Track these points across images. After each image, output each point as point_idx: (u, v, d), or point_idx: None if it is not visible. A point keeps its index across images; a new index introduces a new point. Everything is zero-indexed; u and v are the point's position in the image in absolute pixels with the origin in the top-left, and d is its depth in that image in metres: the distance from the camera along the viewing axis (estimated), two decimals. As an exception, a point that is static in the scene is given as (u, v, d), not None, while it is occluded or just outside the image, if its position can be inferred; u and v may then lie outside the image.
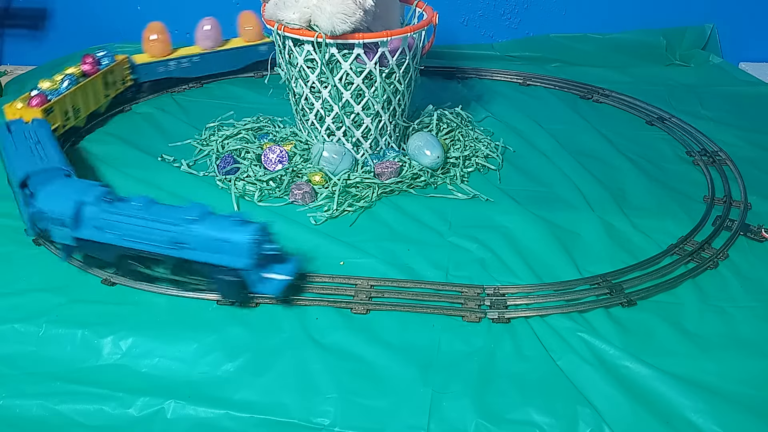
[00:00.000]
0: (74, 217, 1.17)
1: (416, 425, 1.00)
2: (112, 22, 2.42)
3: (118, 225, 1.17)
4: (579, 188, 1.57)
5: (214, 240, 1.13)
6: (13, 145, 1.44)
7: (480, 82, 2.17)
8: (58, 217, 1.18)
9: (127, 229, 1.17)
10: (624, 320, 1.19)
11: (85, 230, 1.18)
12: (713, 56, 2.34)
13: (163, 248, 1.16)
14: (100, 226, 1.18)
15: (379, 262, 1.31)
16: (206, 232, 1.13)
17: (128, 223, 1.17)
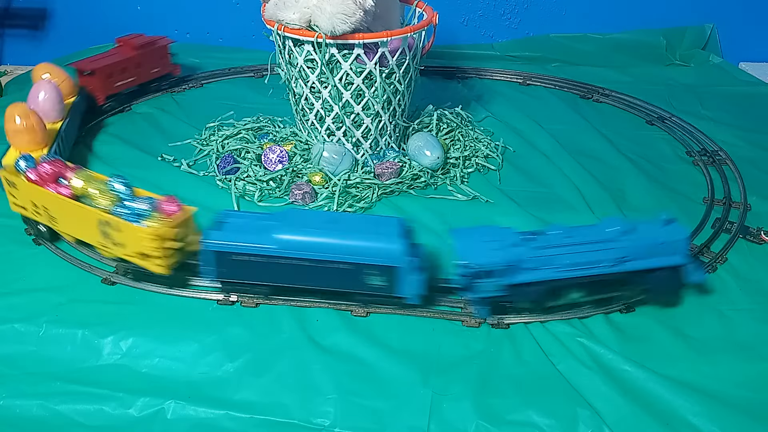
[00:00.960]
0: (507, 265, 1.13)
1: (416, 426, 1.01)
2: (112, 22, 2.42)
3: (555, 258, 1.14)
4: (579, 189, 1.57)
5: (653, 245, 1.15)
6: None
7: (480, 82, 2.17)
8: (486, 269, 1.13)
9: (566, 259, 1.15)
10: (623, 325, 1.19)
11: (521, 275, 1.15)
12: (713, 56, 2.34)
13: (607, 268, 1.15)
14: (535, 266, 1.14)
15: (379, 263, 1.31)
16: (644, 240, 1.15)
17: (565, 253, 1.15)
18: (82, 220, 1.24)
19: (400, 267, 1.14)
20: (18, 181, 1.30)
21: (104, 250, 1.27)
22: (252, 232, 1.16)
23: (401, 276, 1.14)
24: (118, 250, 1.23)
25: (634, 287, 1.20)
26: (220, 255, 1.16)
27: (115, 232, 1.20)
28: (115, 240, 1.21)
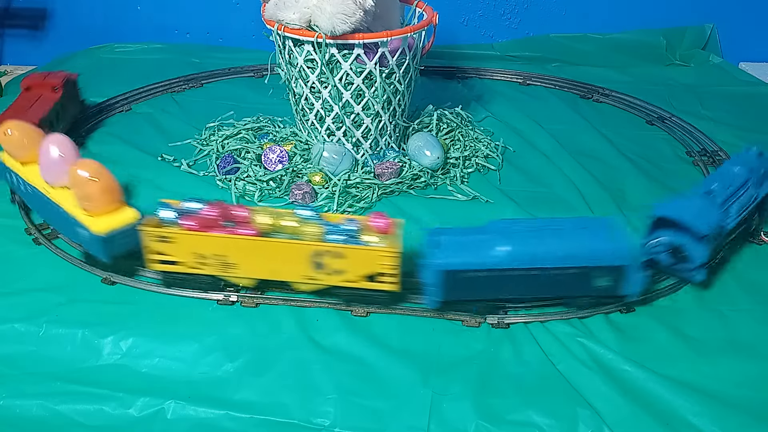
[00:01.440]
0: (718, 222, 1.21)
1: (416, 426, 1.01)
2: (112, 22, 2.42)
3: (737, 203, 1.27)
4: (579, 189, 1.57)
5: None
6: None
7: (480, 82, 2.17)
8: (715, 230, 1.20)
9: (743, 200, 1.27)
10: (623, 325, 1.19)
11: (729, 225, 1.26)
12: (713, 56, 2.34)
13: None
14: (731, 215, 1.27)
15: (379, 263, 1.31)
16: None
17: (737, 198, 1.27)
18: (281, 258, 1.16)
19: (628, 265, 1.14)
20: (174, 234, 1.16)
21: (310, 283, 1.19)
22: (473, 248, 1.14)
23: (628, 274, 1.15)
24: (333, 278, 1.17)
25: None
26: (448, 274, 1.13)
27: (335, 260, 1.15)
28: (333, 268, 1.16)
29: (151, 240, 1.18)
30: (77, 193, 1.22)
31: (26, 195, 1.40)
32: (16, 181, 1.40)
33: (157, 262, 1.20)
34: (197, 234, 1.17)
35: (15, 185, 1.42)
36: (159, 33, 2.41)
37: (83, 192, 1.21)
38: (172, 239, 1.17)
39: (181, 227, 1.17)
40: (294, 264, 1.17)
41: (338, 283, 1.18)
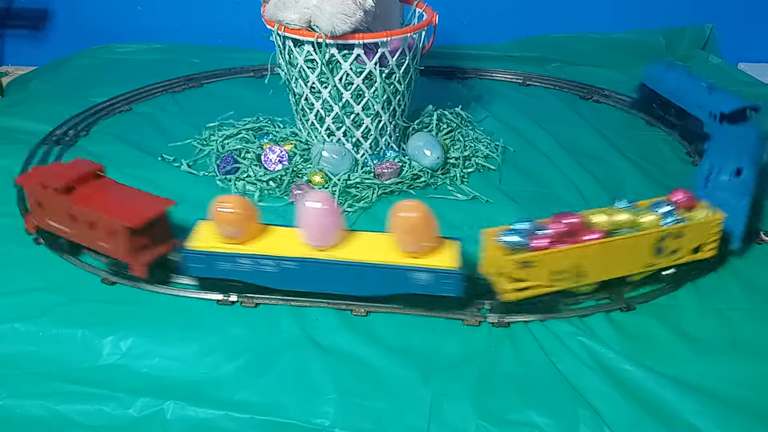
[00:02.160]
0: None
1: (416, 426, 1.01)
2: (112, 22, 2.42)
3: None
4: (579, 189, 1.57)
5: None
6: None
7: (480, 82, 2.17)
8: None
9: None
10: (624, 324, 1.19)
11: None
12: (713, 56, 2.33)
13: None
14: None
15: (379, 263, 1.31)
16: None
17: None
18: (627, 253, 1.18)
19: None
20: (536, 257, 1.12)
21: (647, 270, 1.22)
22: None
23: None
24: (669, 259, 1.22)
25: None
26: None
27: (673, 241, 1.20)
28: (670, 250, 1.21)
29: (513, 268, 1.12)
30: (410, 236, 1.13)
31: (263, 274, 1.18)
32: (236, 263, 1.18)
33: (514, 291, 1.14)
34: (558, 251, 1.13)
35: (227, 270, 1.19)
36: (159, 33, 2.41)
37: (416, 233, 1.14)
38: (534, 263, 1.12)
39: (539, 248, 1.12)
40: (639, 255, 1.20)
41: (671, 263, 1.23)
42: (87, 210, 1.20)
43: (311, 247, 1.16)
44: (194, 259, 1.17)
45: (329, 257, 1.15)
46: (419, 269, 1.14)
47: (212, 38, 2.46)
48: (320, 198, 1.15)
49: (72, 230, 1.24)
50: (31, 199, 1.29)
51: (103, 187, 1.26)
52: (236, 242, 1.17)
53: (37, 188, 1.25)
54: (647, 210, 1.23)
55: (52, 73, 2.17)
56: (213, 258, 1.17)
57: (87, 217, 1.20)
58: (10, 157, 1.63)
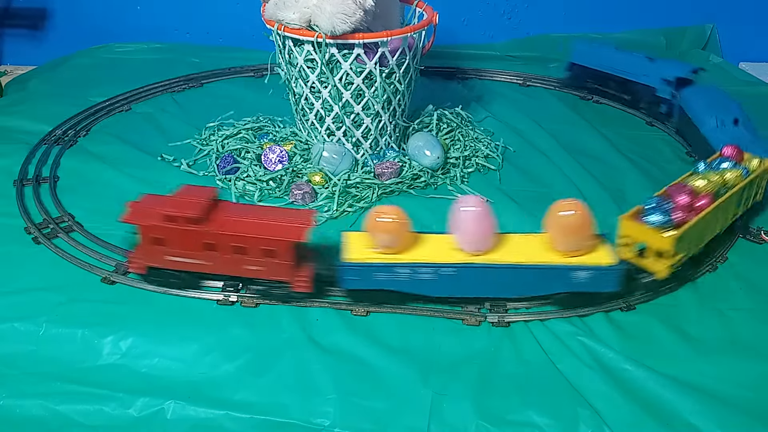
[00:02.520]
0: None
1: (416, 426, 1.00)
2: (112, 22, 2.42)
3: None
4: (579, 189, 1.57)
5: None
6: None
7: (480, 82, 2.17)
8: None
9: None
10: (623, 324, 1.19)
11: None
12: (713, 56, 2.34)
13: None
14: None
15: (379, 263, 1.31)
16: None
17: None
18: (724, 213, 1.29)
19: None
20: (684, 231, 1.17)
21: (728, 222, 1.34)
22: None
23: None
24: (743, 207, 1.37)
25: None
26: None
27: (748, 190, 1.36)
28: (746, 197, 1.37)
29: (671, 246, 1.15)
30: (570, 235, 1.15)
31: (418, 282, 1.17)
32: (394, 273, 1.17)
33: (668, 267, 1.18)
34: (697, 220, 1.19)
35: (383, 281, 1.18)
36: (159, 33, 2.41)
37: (576, 232, 1.15)
38: (684, 236, 1.17)
39: (682, 222, 1.18)
40: (729, 210, 1.31)
41: (744, 210, 1.38)
42: (238, 235, 1.15)
43: (467, 252, 1.16)
44: (351, 271, 1.16)
45: (488, 261, 1.15)
46: (580, 267, 1.15)
47: (212, 38, 2.46)
48: (475, 202, 1.15)
49: (206, 261, 1.18)
50: (146, 238, 1.19)
51: (234, 210, 1.21)
52: (392, 252, 1.16)
53: (158, 224, 1.16)
54: (719, 168, 1.35)
55: (52, 73, 2.17)
56: (370, 269, 1.15)
57: (235, 243, 1.15)
58: (9, 157, 1.63)
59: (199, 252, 1.18)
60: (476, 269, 1.15)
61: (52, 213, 1.45)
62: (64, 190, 1.55)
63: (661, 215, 1.18)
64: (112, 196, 1.52)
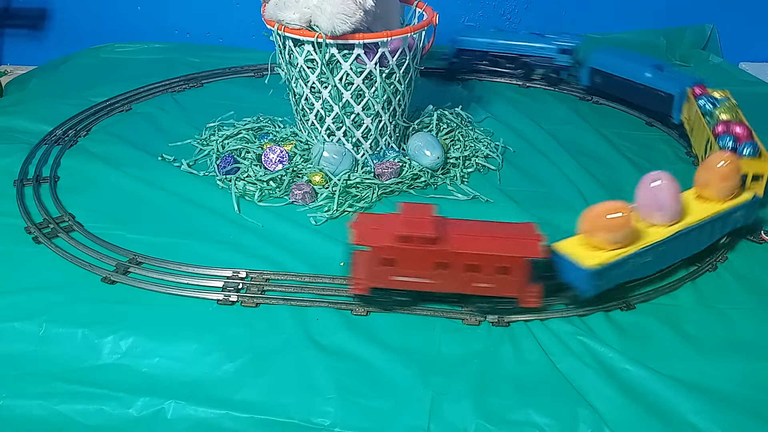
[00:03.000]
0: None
1: (416, 426, 1.00)
2: (112, 22, 2.42)
3: None
4: (579, 189, 1.57)
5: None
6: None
7: (480, 83, 2.17)
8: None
9: None
10: (623, 323, 1.19)
11: None
12: (713, 56, 2.33)
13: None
14: None
15: (380, 263, 1.31)
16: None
17: None
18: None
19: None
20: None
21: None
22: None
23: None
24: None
25: None
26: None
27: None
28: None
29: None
30: (726, 182, 1.29)
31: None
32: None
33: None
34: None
35: (618, 275, 1.20)
36: (159, 33, 2.41)
37: (729, 179, 1.29)
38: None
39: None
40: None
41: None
42: (475, 253, 1.13)
43: (664, 223, 1.23)
44: (596, 276, 1.15)
45: (686, 225, 1.24)
46: (738, 207, 1.31)
47: (212, 38, 2.47)
48: (662, 176, 1.22)
49: (435, 280, 1.16)
50: (375, 259, 1.15)
51: (461, 227, 1.18)
52: (621, 245, 1.17)
53: (392, 245, 1.14)
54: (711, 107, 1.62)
55: (52, 73, 2.17)
56: (611, 269, 1.17)
57: (471, 261, 1.13)
58: (10, 157, 1.63)
59: (428, 271, 1.16)
60: (682, 235, 1.23)
61: (53, 213, 1.45)
62: (65, 190, 1.55)
63: (749, 147, 1.46)
64: (112, 196, 1.53)
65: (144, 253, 1.32)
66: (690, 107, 1.74)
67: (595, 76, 2.00)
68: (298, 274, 1.28)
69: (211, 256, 1.33)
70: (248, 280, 1.27)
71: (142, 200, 1.51)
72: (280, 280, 1.28)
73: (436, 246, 1.13)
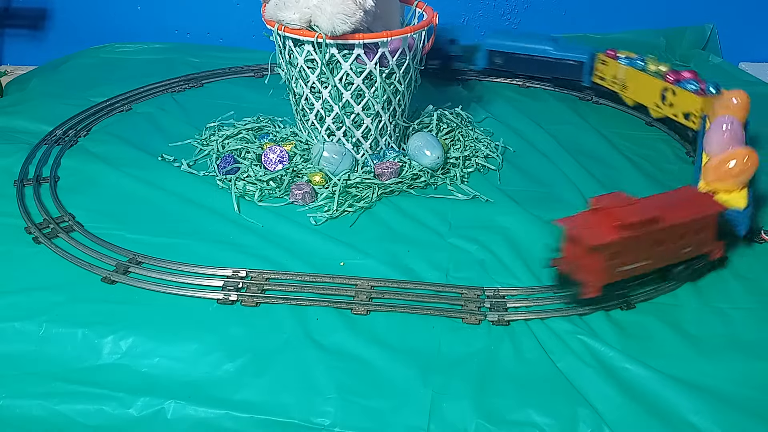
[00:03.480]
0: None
1: (416, 426, 1.00)
2: (112, 22, 2.42)
3: None
4: (579, 189, 1.57)
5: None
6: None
7: (480, 83, 2.17)
8: None
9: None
10: (623, 323, 1.19)
11: None
12: (713, 56, 2.33)
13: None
14: None
15: (380, 263, 1.31)
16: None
17: None
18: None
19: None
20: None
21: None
22: None
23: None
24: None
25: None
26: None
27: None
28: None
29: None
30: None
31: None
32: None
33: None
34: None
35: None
36: (159, 33, 2.41)
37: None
38: None
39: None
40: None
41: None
42: (685, 221, 1.18)
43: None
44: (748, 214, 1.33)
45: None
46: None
47: (212, 38, 2.47)
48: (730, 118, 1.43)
49: (650, 259, 1.19)
50: (603, 257, 1.14)
51: (655, 202, 1.22)
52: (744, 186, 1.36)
53: (620, 237, 1.13)
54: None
55: (52, 73, 2.17)
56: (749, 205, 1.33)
57: (680, 230, 1.19)
58: (10, 157, 1.63)
59: (648, 252, 1.18)
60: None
61: (53, 213, 1.45)
62: (65, 190, 1.55)
63: (712, 85, 1.72)
64: (112, 196, 1.53)
65: (144, 253, 1.32)
66: (610, 69, 1.97)
67: (494, 57, 2.11)
68: (298, 274, 1.28)
69: (211, 256, 1.33)
70: (248, 279, 1.27)
71: (142, 200, 1.51)
72: (280, 279, 1.28)
73: (659, 224, 1.16)
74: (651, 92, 1.86)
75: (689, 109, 1.76)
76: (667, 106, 1.82)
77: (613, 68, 1.96)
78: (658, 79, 1.83)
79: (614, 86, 1.97)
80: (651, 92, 1.86)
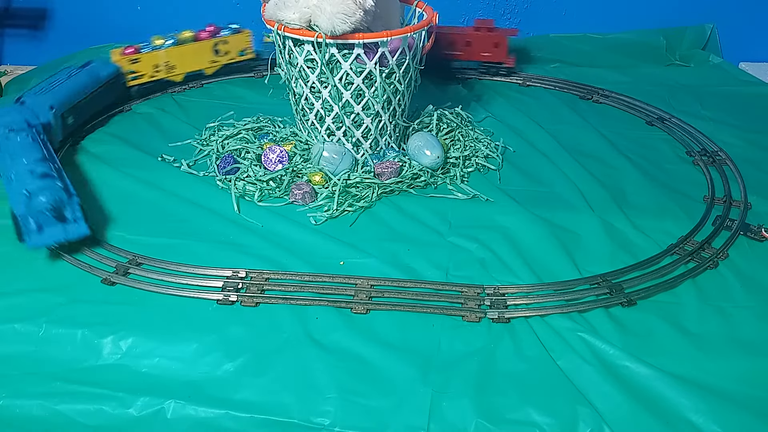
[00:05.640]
0: None
1: (416, 425, 1.00)
2: (113, 22, 2.42)
3: None
4: (579, 188, 1.57)
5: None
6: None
7: (480, 82, 2.17)
8: None
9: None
10: (624, 320, 1.19)
11: None
12: (713, 56, 2.34)
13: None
14: None
15: (379, 262, 1.31)
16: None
17: None
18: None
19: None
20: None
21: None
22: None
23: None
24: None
25: None
26: None
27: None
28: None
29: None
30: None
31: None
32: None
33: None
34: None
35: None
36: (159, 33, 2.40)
37: None
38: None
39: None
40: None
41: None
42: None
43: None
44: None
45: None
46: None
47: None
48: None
49: None
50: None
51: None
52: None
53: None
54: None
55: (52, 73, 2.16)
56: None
57: None
58: (10, 158, 1.63)
59: None
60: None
61: (52, 213, 1.45)
62: (64, 190, 1.55)
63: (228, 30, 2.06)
64: (112, 196, 1.52)
65: (144, 254, 1.32)
66: (147, 62, 2.01)
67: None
68: (298, 274, 1.28)
69: (210, 256, 1.33)
70: (248, 279, 1.27)
71: (142, 201, 1.51)
72: (280, 279, 1.28)
73: None
74: (202, 55, 2.08)
75: (242, 46, 2.13)
76: (222, 55, 2.11)
77: (152, 60, 2.01)
78: (206, 40, 2.08)
79: (159, 74, 2.04)
80: (202, 55, 2.08)
